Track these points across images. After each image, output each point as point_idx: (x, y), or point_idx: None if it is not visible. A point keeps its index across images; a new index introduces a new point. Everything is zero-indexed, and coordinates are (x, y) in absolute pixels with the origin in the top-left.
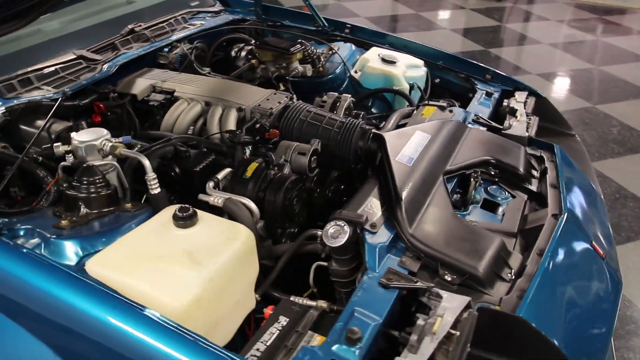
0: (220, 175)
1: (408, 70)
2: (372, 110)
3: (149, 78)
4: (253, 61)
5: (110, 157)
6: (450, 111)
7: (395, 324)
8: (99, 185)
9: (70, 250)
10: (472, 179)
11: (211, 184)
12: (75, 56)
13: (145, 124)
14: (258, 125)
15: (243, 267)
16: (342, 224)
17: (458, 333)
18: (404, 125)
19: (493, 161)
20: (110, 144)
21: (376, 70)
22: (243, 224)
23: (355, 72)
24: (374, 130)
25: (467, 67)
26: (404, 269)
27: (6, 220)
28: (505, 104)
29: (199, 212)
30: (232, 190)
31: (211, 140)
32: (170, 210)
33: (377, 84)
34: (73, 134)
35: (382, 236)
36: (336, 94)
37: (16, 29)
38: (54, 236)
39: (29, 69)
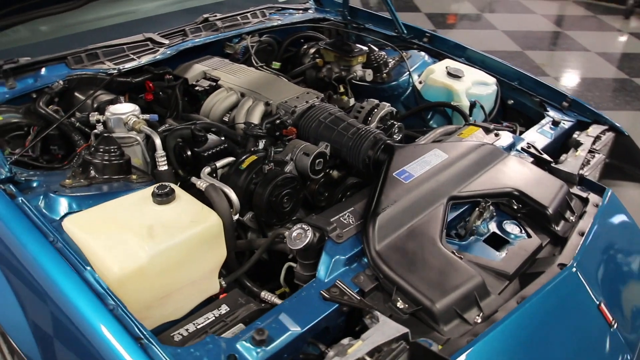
0: (219, 163)
1: (473, 86)
2: (431, 123)
3: (205, 65)
4: (317, 60)
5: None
6: (497, 135)
7: (335, 338)
8: (112, 154)
9: (60, 206)
10: (477, 209)
11: (208, 169)
12: (143, 38)
13: (194, 107)
14: (278, 121)
15: (203, 250)
16: (307, 228)
17: None
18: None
19: (517, 194)
20: (133, 119)
21: (437, 83)
22: (218, 210)
23: (420, 82)
24: (388, 141)
25: (545, 92)
26: (355, 286)
27: (31, 172)
28: (575, 136)
29: (180, 193)
30: (227, 179)
31: (232, 129)
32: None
33: (437, 97)
34: (109, 107)
35: (346, 248)
36: (375, 101)
37: (69, 10)
38: (54, 192)
39: (99, 44)
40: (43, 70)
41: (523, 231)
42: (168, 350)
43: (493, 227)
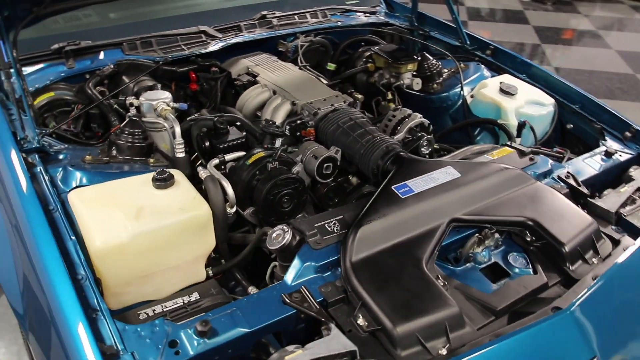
0: (228, 156)
1: (526, 106)
2: (477, 140)
3: (251, 60)
4: (369, 65)
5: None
6: (531, 159)
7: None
8: (136, 137)
9: (73, 179)
10: (476, 235)
11: (216, 161)
12: (198, 30)
13: (235, 100)
14: (299, 122)
15: (188, 237)
16: (287, 230)
17: None
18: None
19: (532, 225)
20: (162, 106)
21: (486, 98)
22: (211, 202)
23: (471, 96)
24: (400, 153)
25: (609, 118)
26: (321, 295)
27: (65, 145)
28: (630, 171)
29: (180, 180)
30: (234, 173)
31: (255, 125)
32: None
33: (486, 113)
34: (144, 92)
35: (321, 256)
36: (408, 111)
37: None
38: (72, 166)
39: (155, 33)
40: (101, 54)
41: (529, 266)
42: (117, 326)
43: (497, 256)
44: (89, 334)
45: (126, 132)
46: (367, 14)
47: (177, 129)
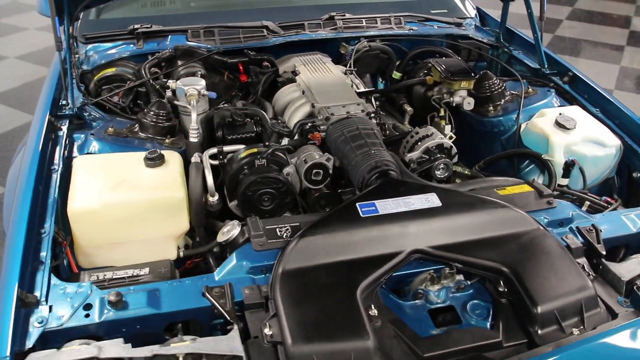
0: (226, 148)
1: (581, 143)
2: (524, 173)
3: (301, 60)
4: (428, 78)
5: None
6: (549, 203)
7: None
8: (160, 117)
9: (89, 146)
10: (428, 272)
11: (213, 150)
12: (260, 25)
13: None
14: (310, 125)
15: (158, 216)
16: (236, 225)
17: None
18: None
19: (507, 274)
20: (190, 92)
21: (536, 128)
22: (189, 187)
23: (527, 124)
24: (389, 170)
25: None
26: (242, 296)
27: (102, 115)
28: None
29: (172, 163)
30: (228, 164)
31: (272, 122)
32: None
33: (534, 145)
34: (183, 78)
35: (259, 258)
36: (432, 129)
37: None
38: (92, 135)
39: (220, 24)
40: (168, 38)
41: (489, 319)
42: (50, 280)
43: (456, 300)
44: (15, 281)
45: (152, 112)
46: (451, 25)
47: (194, 115)
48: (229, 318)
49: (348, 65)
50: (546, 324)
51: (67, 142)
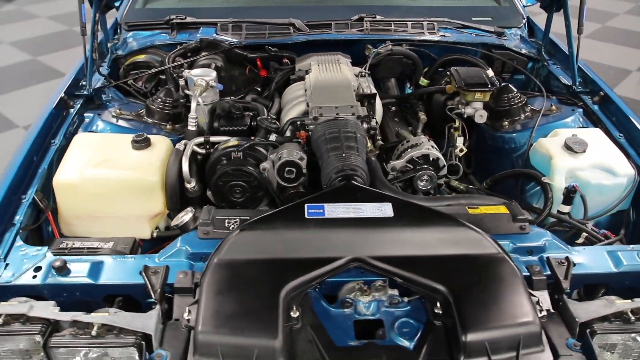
0: (212, 138)
1: (589, 170)
2: (528, 195)
3: (318, 59)
4: (447, 86)
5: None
6: (522, 228)
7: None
8: (166, 104)
9: (95, 125)
10: (356, 283)
11: (200, 139)
12: (287, 22)
13: None
14: (299, 123)
15: (132, 195)
16: (189, 212)
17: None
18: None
19: (447, 296)
20: (198, 82)
21: (542, 149)
22: (166, 171)
23: (536, 143)
24: (354, 175)
25: None
26: (174, 279)
27: (120, 97)
28: None
29: (159, 147)
30: (212, 154)
31: (261, 118)
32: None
33: (541, 166)
34: (196, 69)
35: (200, 245)
36: (423, 139)
37: None
38: (99, 114)
39: (248, 19)
40: (200, 30)
41: (415, 339)
42: (15, 240)
43: (387, 315)
44: None
45: (159, 98)
46: (490, 34)
47: (193, 104)
48: (154, 298)
49: (364, 67)
50: (473, 354)
51: (75, 120)
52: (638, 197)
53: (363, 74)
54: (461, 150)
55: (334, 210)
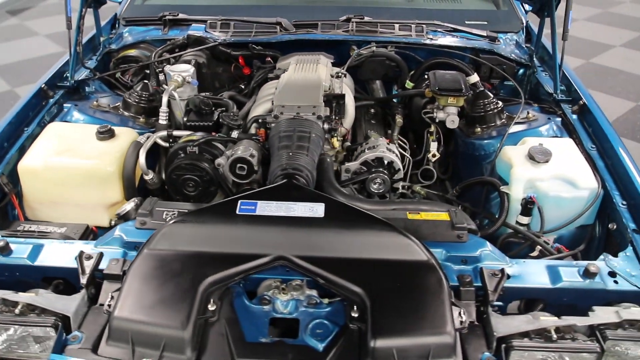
0: (175, 132)
1: (549, 181)
2: (493, 203)
3: (298, 59)
4: (427, 90)
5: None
6: (460, 237)
7: None
8: (142, 98)
9: (70, 115)
10: (274, 281)
11: (163, 133)
12: (275, 21)
13: None
14: (261, 120)
15: (89, 184)
16: (132, 202)
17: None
18: None
19: (365, 300)
20: (174, 78)
21: (505, 157)
22: (123, 162)
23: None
24: (295, 174)
25: None
26: (106, 265)
27: (105, 90)
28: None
29: (122, 139)
30: (174, 147)
31: (223, 114)
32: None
33: (503, 174)
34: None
35: (135, 235)
36: (382, 141)
37: None
38: (77, 106)
39: (236, 17)
40: (190, 27)
41: (326, 341)
42: None
43: (305, 315)
44: None
45: (136, 92)
46: (482, 39)
47: (164, 99)
48: (82, 282)
49: (342, 68)
50: (382, 357)
51: (54, 109)
52: (604, 212)
53: (339, 74)
54: (434, 156)
55: (266, 207)
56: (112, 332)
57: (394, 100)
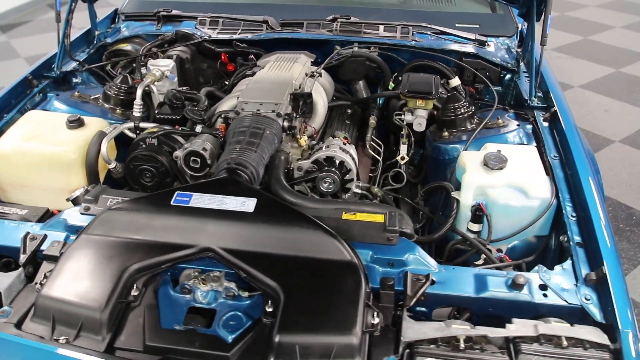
0: (142, 124)
1: (500, 189)
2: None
3: (278, 57)
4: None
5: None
6: (390, 239)
7: None
8: (121, 90)
9: (51, 105)
10: (193, 270)
11: (130, 124)
12: (262, 20)
13: None
14: (223, 116)
15: (53, 169)
16: (83, 189)
17: None
18: None
19: (279, 291)
20: (152, 72)
21: (461, 162)
22: (87, 150)
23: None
24: (237, 169)
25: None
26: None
27: (93, 82)
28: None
29: (91, 129)
30: (136, 138)
31: (189, 108)
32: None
33: (459, 177)
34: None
35: (79, 220)
36: (336, 141)
37: None
38: (59, 97)
39: (225, 15)
40: (182, 23)
41: (236, 333)
42: None
43: (222, 307)
44: None
45: (115, 85)
46: (471, 42)
47: (139, 92)
48: (20, 261)
49: (318, 68)
50: (282, 355)
51: (37, 98)
52: (559, 223)
53: (314, 73)
54: (402, 158)
55: (200, 200)
56: (37, 310)
57: (373, 101)
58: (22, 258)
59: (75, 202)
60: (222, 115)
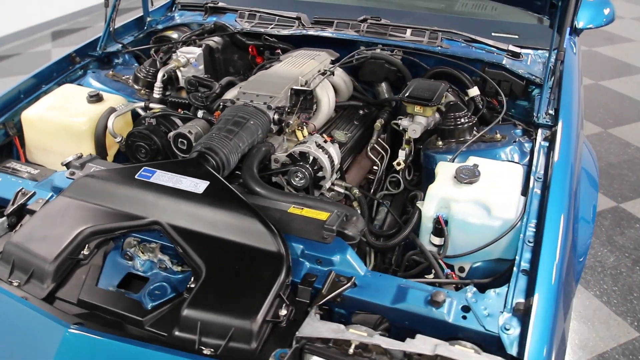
0: (151, 105)
1: (465, 203)
2: None
3: (301, 53)
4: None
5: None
6: (325, 237)
7: None
8: (149, 73)
9: (87, 80)
10: (135, 239)
11: (140, 104)
12: (295, 16)
13: None
14: (221, 105)
15: (66, 136)
16: (77, 155)
17: None
18: None
19: (202, 270)
20: (178, 58)
21: (436, 171)
22: (97, 122)
23: None
24: (206, 154)
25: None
26: (30, 208)
27: (133, 63)
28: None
29: (106, 104)
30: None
31: (194, 94)
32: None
33: None
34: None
35: (64, 182)
36: (315, 138)
37: None
38: (94, 73)
39: (263, 10)
40: (225, 15)
41: (157, 302)
42: None
43: (156, 277)
44: None
45: (144, 68)
46: (503, 53)
47: (160, 75)
48: (6, 211)
49: (333, 67)
50: (185, 329)
51: (77, 74)
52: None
53: (325, 72)
54: (398, 164)
55: (161, 177)
56: (3, 254)
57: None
58: (8, 209)
59: (68, 166)
60: (221, 104)
